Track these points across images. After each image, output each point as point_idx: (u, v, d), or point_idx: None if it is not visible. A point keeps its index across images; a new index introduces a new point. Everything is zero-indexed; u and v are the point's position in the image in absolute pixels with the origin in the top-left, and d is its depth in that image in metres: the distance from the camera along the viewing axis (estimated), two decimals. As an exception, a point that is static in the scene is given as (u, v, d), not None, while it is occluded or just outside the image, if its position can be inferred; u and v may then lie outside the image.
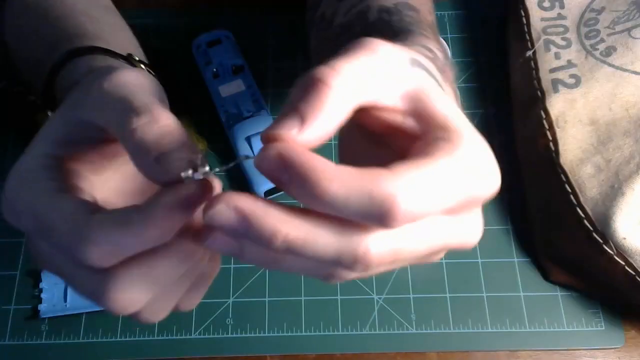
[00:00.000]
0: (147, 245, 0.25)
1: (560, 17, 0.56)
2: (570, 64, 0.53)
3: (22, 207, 0.27)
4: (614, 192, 0.46)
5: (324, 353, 0.49)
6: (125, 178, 0.32)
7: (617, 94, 0.50)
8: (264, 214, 0.22)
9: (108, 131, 0.28)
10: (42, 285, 0.52)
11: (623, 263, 0.45)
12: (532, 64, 0.54)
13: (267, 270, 0.52)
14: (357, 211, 0.21)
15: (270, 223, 0.22)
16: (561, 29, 0.55)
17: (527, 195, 0.54)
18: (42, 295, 0.51)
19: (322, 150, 0.23)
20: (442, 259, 0.53)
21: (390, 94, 0.25)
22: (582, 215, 0.47)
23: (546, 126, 0.51)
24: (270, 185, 0.53)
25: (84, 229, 0.25)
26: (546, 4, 0.56)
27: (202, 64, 0.60)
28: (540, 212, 0.52)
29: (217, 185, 0.26)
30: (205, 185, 0.25)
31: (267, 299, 0.51)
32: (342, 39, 0.39)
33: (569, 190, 0.48)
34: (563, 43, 0.54)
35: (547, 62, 0.53)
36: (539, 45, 0.55)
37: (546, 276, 0.52)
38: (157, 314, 0.28)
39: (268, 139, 0.23)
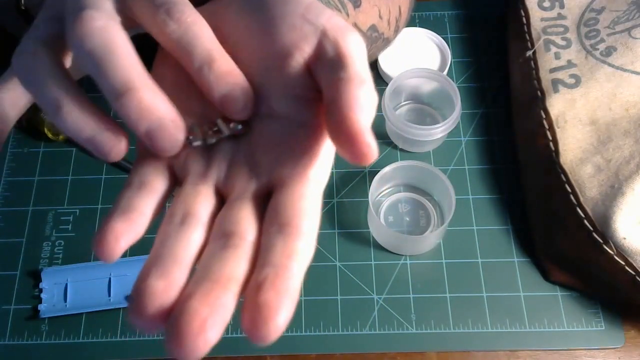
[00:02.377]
0: None
1: (560, 17, 0.56)
2: (570, 64, 0.53)
3: None
4: (614, 192, 0.46)
5: (324, 353, 0.49)
6: None
7: (617, 94, 0.50)
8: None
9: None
10: (42, 285, 0.52)
11: (623, 263, 0.45)
12: (532, 64, 0.54)
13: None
14: None
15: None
16: (561, 29, 0.55)
17: (527, 195, 0.54)
18: (42, 295, 0.51)
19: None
20: (442, 259, 0.53)
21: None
22: (582, 215, 0.47)
23: (546, 126, 0.51)
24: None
25: None
26: (546, 4, 0.56)
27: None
28: (540, 212, 0.52)
29: None
30: None
31: (267, 299, 0.51)
32: None
33: (569, 190, 0.48)
34: (563, 43, 0.54)
35: (547, 62, 0.53)
36: (539, 45, 0.55)
37: (546, 276, 0.52)
38: None
39: None
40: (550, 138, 0.50)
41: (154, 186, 0.27)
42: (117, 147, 0.26)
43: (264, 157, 0.27)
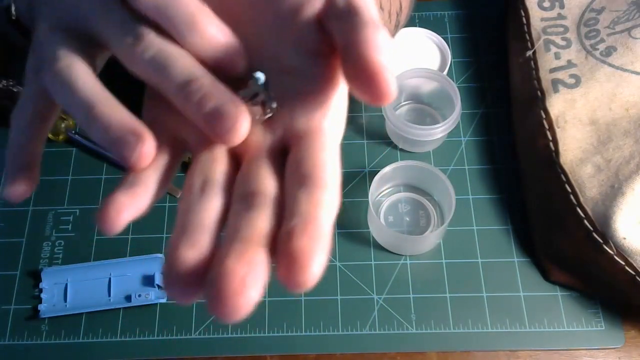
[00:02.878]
0: None
1: (560, 17, 0.56)
2: (570, 64, 0.53)
3: None
4: (614, 192, 0.46)
5: (324, 353, 0.49)
6: None
7: (617, 94, 0.50)
8: None
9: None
10: (42, 285, 0.52)
11: (623, 263, 0.45)
12: (532, 64, 0.54)
13: (267, 270, 0.52)
14: None
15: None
16: (561, 29, 0.55)
17: (527, 195, 0.54)
18: (42, 295, 0.51)
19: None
20: (442, 259, 0.53)
21: None
22: (582, 215, 0.47)
23: (546, 126, 0.51)
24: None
25: None
26: (546, 4, 0.56)
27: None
28: (540, 212, 0.52)
29: None
30: None
31: (267, 299, 0.51)
32: None
33: (569, 190, 0.48)
34: (563, 43, 0.54)
35: (547, 62, 0.53)
36: (539, 45, 0.55)
37: (546, 276, 0.52)
38: None
39: None
40: (550, 138, 0.50)
41: (161, 158, 0.27)
42: (141, 148, 0.26)
43: (276, 111, 0.28)
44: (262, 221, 0.24)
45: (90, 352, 0.50)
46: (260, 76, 0.28)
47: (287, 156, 0.26)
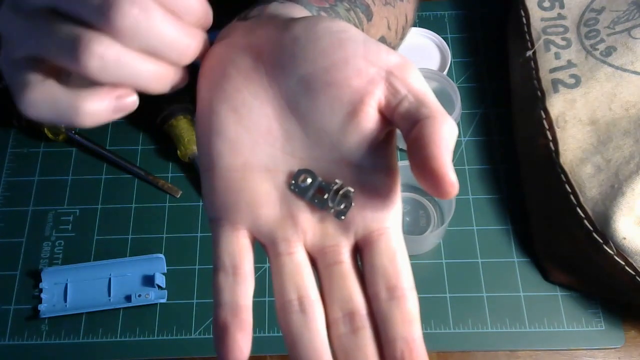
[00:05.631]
0: None
1: (560, 17, 0.56)
2: (570, 64, 0.53)
3: None
4: (614, 192, 0.46)
5: (324, 353, 0.49)
6: None
7: (617, 94, 0.50)
8: None
9: None
10: (42, 285, 0.52)
11: (623, 263, 0.45)
12: (532, 64, 0.54)
13: (266, 270, 0.52)
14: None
15: None
16: (561, 29, 0.55)
17: (527, 195, 0.54)
18: (42, 295, 0.51)
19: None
20: (442, 259, 0.53)
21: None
22: (582, 215, 0.47)
23: (546, 126, 0.51)
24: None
25: None
26: (546, 4, 0.56)
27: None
28: (540, 212, 0.52)
29: None
30: None
31: (267, 299, 0.51)
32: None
33: (569, 190, 0.48)
34: (563, 43, 0.54)
35: (547, 62, 0.53)
36: (539, 45, 0.55)
37: (546, 276, 0.52)
38: None
39: None
40: (550, 138, 0.50)
41: (246, 270, 0.27)
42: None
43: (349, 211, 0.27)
44: (370, 347, 0.25)
45: (90, 352, 0.50)
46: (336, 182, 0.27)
47: (361, 256, 0.27)
